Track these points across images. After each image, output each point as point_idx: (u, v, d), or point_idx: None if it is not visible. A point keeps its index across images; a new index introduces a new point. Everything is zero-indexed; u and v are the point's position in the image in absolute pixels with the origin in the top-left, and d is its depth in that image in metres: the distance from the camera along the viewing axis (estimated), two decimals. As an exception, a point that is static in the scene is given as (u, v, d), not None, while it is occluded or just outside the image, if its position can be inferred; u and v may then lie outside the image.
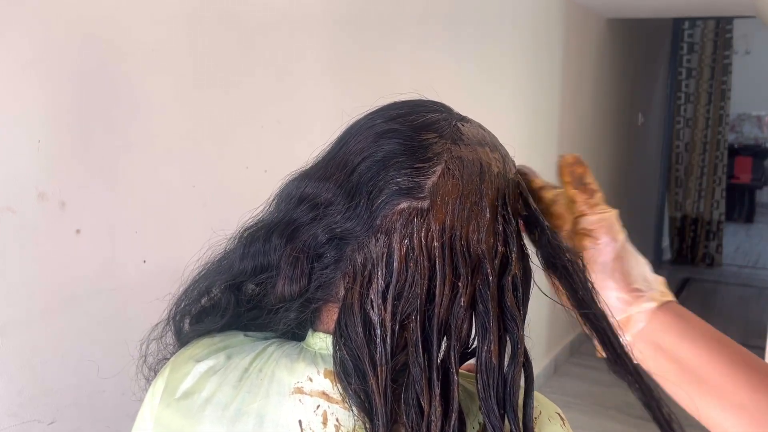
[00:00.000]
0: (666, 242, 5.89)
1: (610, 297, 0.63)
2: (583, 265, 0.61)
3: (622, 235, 0.64)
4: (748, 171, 7.25)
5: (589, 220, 0.64)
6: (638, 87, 4.56)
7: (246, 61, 1.36)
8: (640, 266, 0.65)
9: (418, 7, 1.98)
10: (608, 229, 0.64)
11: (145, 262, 1.17)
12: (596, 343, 0.61)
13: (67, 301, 1.05)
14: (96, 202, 1.08)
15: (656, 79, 5.12)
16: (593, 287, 0.61)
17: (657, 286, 0.64)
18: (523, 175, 0.65)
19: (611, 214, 0.65)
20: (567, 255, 0.61)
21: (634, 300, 0.63)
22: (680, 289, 5.06)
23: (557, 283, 0.62)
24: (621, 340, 0.61)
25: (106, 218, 1.10)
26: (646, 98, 4.86)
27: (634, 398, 0.61)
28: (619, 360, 0.60)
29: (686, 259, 5.70)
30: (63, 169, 1.02)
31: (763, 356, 2.21)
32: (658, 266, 5.63)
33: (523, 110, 2.80)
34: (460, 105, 0.66)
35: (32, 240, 0.99)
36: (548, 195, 0.66)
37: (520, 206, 0.62)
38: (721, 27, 5.35)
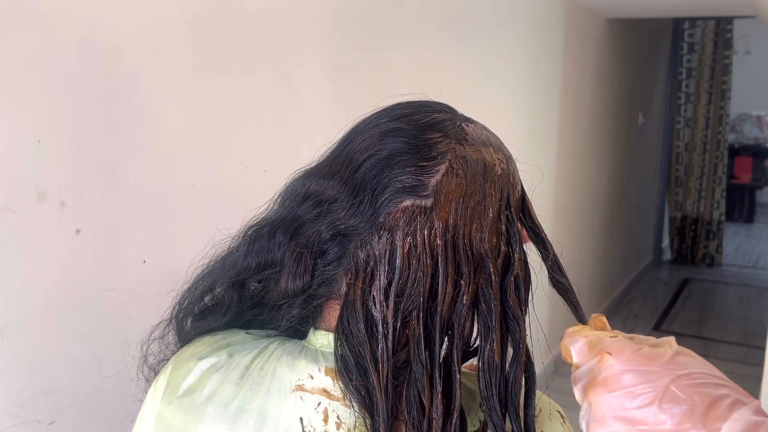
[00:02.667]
0: (666, 242, 5.89)
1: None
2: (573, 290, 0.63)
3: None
4: (748, 171, 7.26)
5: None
6: (638, 87, 4.56)
7: (246, 61, 1.36)
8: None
9: (418, 7, 1.98)
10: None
11: (145, 262, 1.17)
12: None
13: (67, 301, 1.05)
14: (96, 202, 1.08)
15: (656, 79, 5.12)
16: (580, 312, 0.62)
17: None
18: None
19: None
20: (566, 279, 0.63)
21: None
22: (680, 289, 5.06)
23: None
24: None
25: (106, 218, 1.10)
26: (646, 98, 4.86)
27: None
28: None
29: (686, 259, 5.70)
30: (63, 169, 1.02)
31: (763, 356, 2.21)
32: (658, 266, 5.64)
33: (523, 110, 2.80)
34: (460, 105, 0.66)
35: (32, 240, 0.99)
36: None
37: (524, 218, 0.63)
38: (721, 27, 5.35)
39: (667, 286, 5.17)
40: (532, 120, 2.90)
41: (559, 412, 0.64)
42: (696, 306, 4.71)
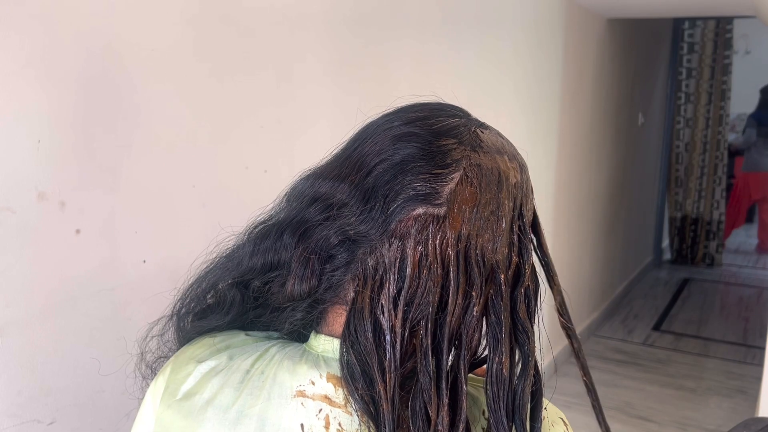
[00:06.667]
0: (666, 242, 5.88)
1: None
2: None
3: None
4: (748, 171, 7.24)
5: None
6: (638, 87, 4.55)
7: (245, 61, 1.36)
8: None
9: (419, 7, 1.98)
10: None
11: (144, 262, 1.17)
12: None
13: (67, 301, 1.05)
14: (96, 202, 1.08)
15: (656, 79, 5.12)
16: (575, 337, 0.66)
17: None
18: None
19: None
20: (566, 315, 0.67)
21: None
22: (680, 289, 5.06)
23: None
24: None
25: (106, 218, 1.10)
26: (646, 98, 4.86)
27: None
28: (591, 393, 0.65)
29: (686, 259, 5.69)
30: (63, 169, 1.02)
31: (763, 356, 2.21)
32: (658, 266, 5.63)
33: (523, 110, 2.80)
34: (460, 105, 0.66)
35: (32, 240, 0.99)
36: None
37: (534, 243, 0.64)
38: (721, 27, 5.35)
39: (667, 286, 5.17)
40: (532, 120, 2.90)
41: (563, 420, 0.64)
42: (696, 306, 4.71)
